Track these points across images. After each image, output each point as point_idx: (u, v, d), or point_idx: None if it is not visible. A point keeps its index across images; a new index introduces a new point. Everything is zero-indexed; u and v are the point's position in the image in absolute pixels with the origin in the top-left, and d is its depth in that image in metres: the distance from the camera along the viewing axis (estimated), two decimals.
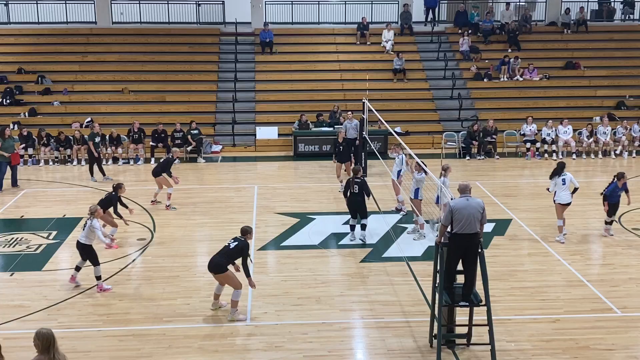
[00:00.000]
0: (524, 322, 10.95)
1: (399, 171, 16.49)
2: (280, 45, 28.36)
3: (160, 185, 17.01)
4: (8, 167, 19.02)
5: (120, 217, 14.34)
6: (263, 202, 17.70)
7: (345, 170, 18.60)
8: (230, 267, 11.01)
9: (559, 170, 14.73)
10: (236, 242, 10.97)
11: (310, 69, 27.44)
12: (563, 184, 14.63)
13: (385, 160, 20.47)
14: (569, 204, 14.69)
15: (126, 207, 14.67)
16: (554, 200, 14.81)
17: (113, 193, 14.46)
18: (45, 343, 6.67)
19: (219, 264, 10.90)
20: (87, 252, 12.11)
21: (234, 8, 29.28)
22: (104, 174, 20.03)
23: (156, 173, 16.89)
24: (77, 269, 12.36)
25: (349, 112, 21.20)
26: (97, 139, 20.20)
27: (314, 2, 30.11)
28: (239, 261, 10.99)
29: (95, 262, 12.11)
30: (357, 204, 14.36)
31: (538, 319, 11.04)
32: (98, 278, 12.15)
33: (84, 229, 12.13)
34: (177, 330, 10.69)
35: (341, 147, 18.42)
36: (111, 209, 14.34)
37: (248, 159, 23.18)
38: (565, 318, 11.11)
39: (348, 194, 14.46)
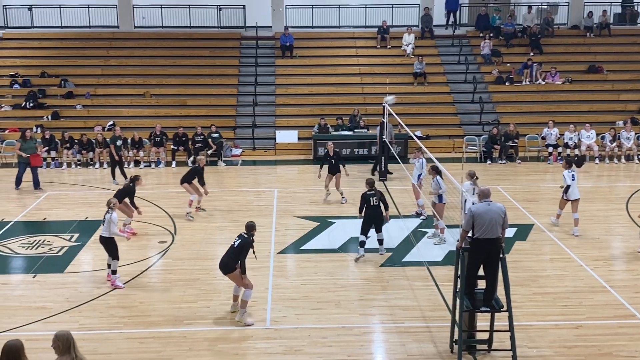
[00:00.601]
0: (546, 328, 10.85)
1: (419, 175, 16.44)
2: (300, 49, 28.40)
3: (195, 191, 16.94)
4: (28, 169, 19.22)
5: (136, 207, 14.76)
6: (283, 205, 17.71)
7: (333, 182, 18.06)
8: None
9: (574, 161, 15.34)
10: (239, 239, 11.05)
11: (331, 73, 27.45)
12: (573, 180, 14.99)
13: (405, 164, 20.39)
14: (577, 200, 15.12)
15: (135, 206, 14.92)
16: (562, 195, 15.17)
17: (130, 184, 14.75)
18: (66, 344, 6.78)
19: (226, 264, 10.99)
20: (108, 245, 12.36)
21: (254, 12, 29.36)
22: (125, 177, 20.14)
23: (182, 181, 16.82)
24: (109, 266, 12.64)
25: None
26: (119, 142, 20.35)
27: (335, 6, 30.11)
28: None
29: (115, 256, 12.33)
30: (377, 216, 13.94)
31: (560, 325, 10.93)
32: (114, 272, 12.32)
33: (103, 223, 12.33)
34: (198, 333, 10.73)
35: (332, 160, 18.06)
36: (127, 199, 14.67)
37: (268, 162, 23.23)
38: (588, 324, 10.99)
39: (365, 208, 13.92)
